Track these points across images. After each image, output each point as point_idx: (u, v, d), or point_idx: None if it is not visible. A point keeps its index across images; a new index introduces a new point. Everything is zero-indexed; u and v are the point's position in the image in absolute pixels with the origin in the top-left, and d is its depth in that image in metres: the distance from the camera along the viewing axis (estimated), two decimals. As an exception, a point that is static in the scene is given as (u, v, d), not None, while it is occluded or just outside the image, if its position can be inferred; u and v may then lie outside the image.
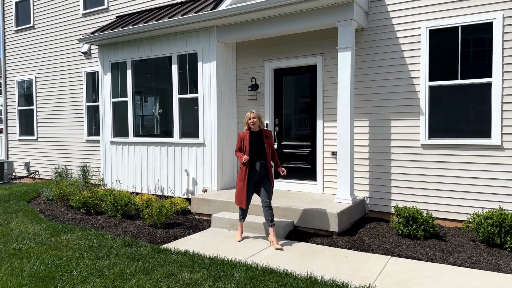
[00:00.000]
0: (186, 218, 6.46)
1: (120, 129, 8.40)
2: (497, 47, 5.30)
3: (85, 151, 10.11)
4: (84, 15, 10.09)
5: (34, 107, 11.30)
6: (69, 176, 9.24)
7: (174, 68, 7.49)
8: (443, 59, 5.70)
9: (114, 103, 8.45)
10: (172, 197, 7.38)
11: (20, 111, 11.74)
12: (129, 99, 8.17)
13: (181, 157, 7.45)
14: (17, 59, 11.72)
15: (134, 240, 5.17)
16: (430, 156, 5.79)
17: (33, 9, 11.22)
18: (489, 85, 5.39)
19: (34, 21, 11.23)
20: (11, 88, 11.93)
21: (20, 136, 11.81)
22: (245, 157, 4.87)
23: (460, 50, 5.57)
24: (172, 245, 4.96)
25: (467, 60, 5.53)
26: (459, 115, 5.61)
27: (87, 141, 10.05)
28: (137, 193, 7.90)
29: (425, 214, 5.12)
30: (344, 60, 5.75)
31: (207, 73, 7.09)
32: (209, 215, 6.26)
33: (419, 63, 5.84)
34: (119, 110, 8.40)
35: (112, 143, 8.48)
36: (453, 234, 5.26)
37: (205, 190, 7.12)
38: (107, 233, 5.53)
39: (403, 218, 5.14)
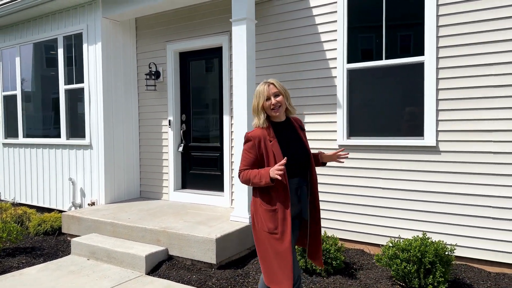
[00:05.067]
0: (57, 240, 5.13)
1: (14, 129, 7.08)
2: (430, 13, 3.93)
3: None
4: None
5: None
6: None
7: (60, 52, 6.14)
8: (364, 34, 4.34)
9: (5, 98, 7.12)
10: (54, 210, 6.11)
11: None
12: (18, 92, 6.84)
13: (69, 162, 6.11)
14: None
15: None
16: (350, 161, 4.43)
17: None
18: (420, 65, 4.03)
19: None
20: None
21: None
22: (276, 169, 2.22)
23: (385, 18, 4.20)
24: (-23, 287, 3.64)
25: (394, 34, 4.17)
26: (385, 107, 4.25)
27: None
28: (23, 205, 6.62)
29: (329, 239, 3.78)
30: (239, 36, 4.38)
31: (93, 58, 5.73)
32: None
33: (335, 39, 4.47)
34: (11, 106, 7.07)
35: (4, 145, 7.16)
36: (369, 267, 3.91)
37: (92, 203, 5.78)
38: None
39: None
